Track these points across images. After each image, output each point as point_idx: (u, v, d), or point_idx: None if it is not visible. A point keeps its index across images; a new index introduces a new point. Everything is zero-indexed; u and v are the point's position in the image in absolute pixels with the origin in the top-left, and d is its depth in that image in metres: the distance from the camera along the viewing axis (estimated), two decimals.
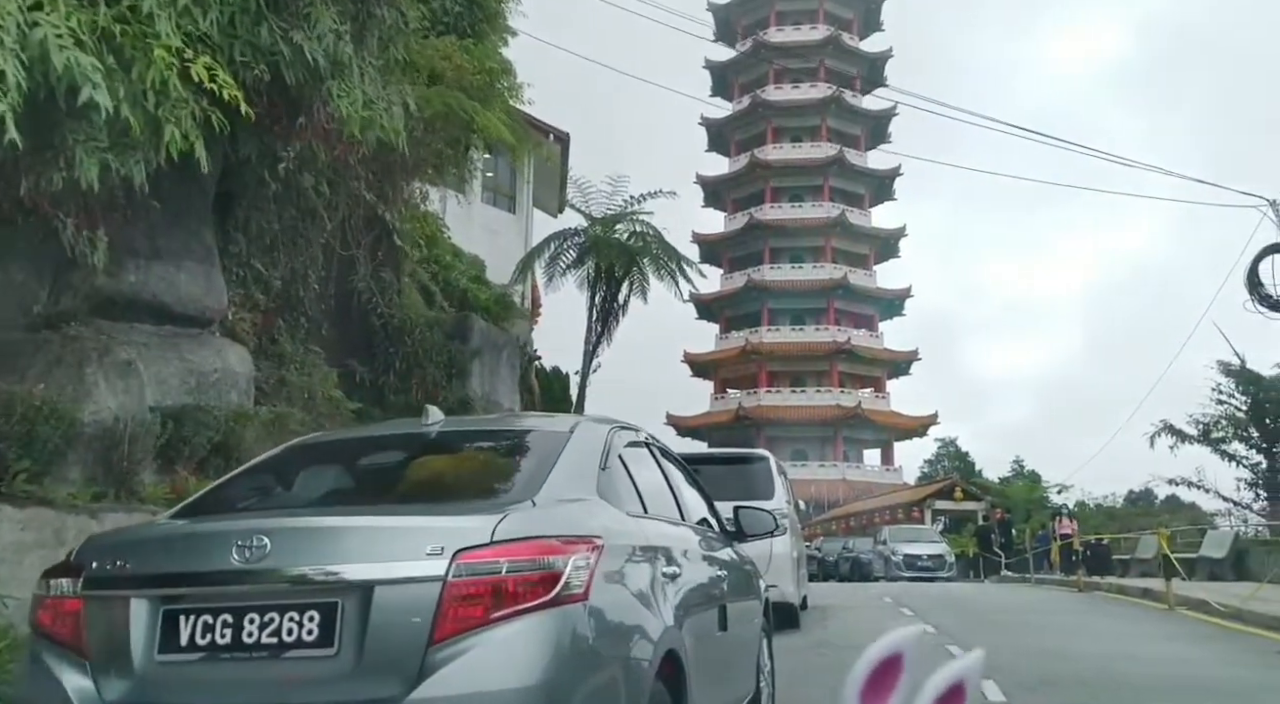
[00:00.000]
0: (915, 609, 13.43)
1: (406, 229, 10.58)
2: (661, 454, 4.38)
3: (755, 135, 65.29)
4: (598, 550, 2.78)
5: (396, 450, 3.50)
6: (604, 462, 3.37)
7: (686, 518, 4.20)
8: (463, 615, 2.47)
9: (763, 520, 5.18)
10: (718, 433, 58.67)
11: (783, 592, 10.66)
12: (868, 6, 66.09)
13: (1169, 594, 13.35)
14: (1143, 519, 23.79)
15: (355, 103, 6.61)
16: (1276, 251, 17.78)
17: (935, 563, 27.24)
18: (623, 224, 23.01)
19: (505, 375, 11.58)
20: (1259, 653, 8.73)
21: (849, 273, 61.33)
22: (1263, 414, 22.89)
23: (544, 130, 23.92)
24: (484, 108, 10.08)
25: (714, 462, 12.13)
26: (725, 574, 4.31)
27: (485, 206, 23.70)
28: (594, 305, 23.30)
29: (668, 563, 3.42)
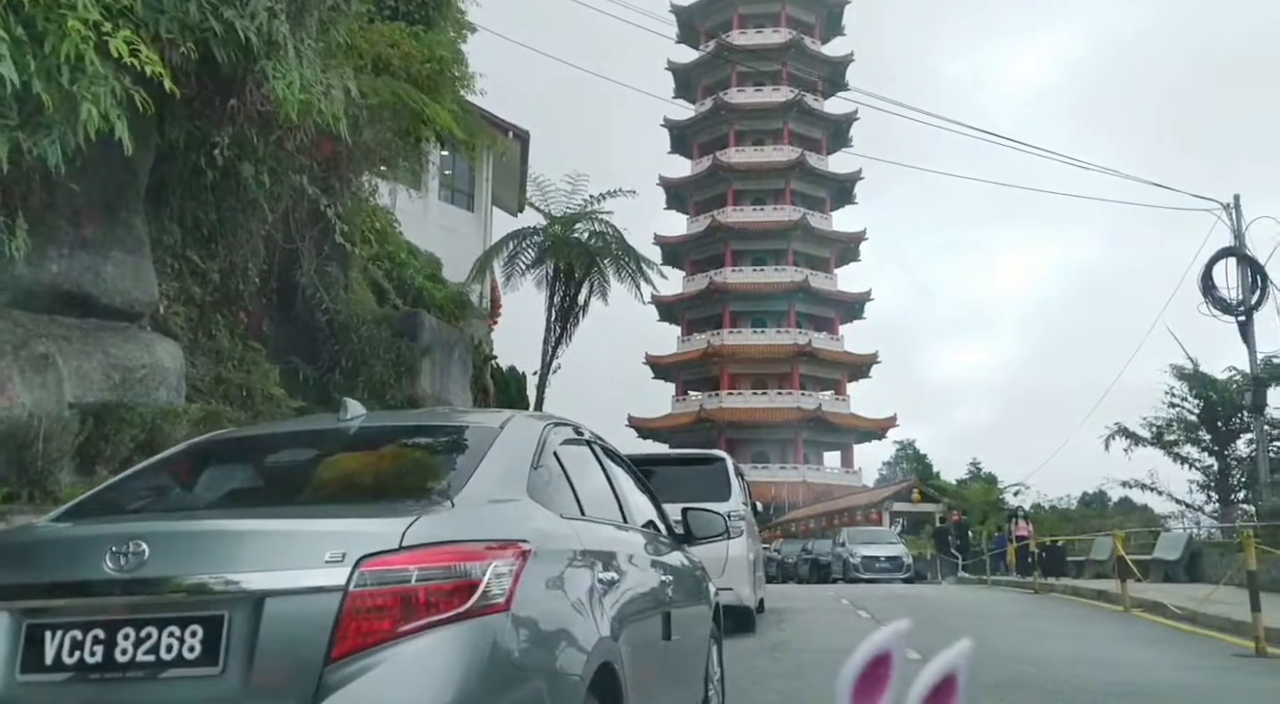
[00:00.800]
0: (872, 611, 13.32)
1: (354, 222, 10.24)
2: (605, 453, 4.15)
3: (718, 138, 65.40)
4: (523, 556, 2.54)
5: (308, 448, 3.22)
6: (537, 460, 3.13)
7: (630, 520, 3.97)
8: (366, 629, 2.21)
9: (712, 523, 4.97)
10: (679, 435, 58.59)
11: (738, 595, 10.48)
12: (829, 11, 66.47)
13: (1124, 596, 13.36)
14: (1097, 521, 23.97)
15: (292, 85, 6.31)
16: (1229, 255, 17.97)
17: (893, 564, 27.30)
18: (583, 224, 22.82)
19: (457, 374, 11.27)
20: (1216, 656, 8.68)
21: (810, 276, 61.60)
22: (1214, 417, 23.17)
23: (503, 127, 23.61)
24: (434, 98, 9.79)
25: (670, 463, 11.92)
26: (670, 579, 4.09)
27: (443, 204, 23.36)
28: (552, 305, 23.08)
29: (605, 568, 3.19)
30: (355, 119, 9.20)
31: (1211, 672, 7.80)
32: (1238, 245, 17.91)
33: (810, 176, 64.01)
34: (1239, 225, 17.89)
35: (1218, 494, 23.09)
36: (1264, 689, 7.11)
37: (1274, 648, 8.62)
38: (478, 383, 14.31)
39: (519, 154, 24.79)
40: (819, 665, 8.59)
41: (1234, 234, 17.93)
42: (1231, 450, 23.27)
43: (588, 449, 3.90)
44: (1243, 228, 17.86)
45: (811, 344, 60.36)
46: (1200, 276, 18.08)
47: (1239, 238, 17.91)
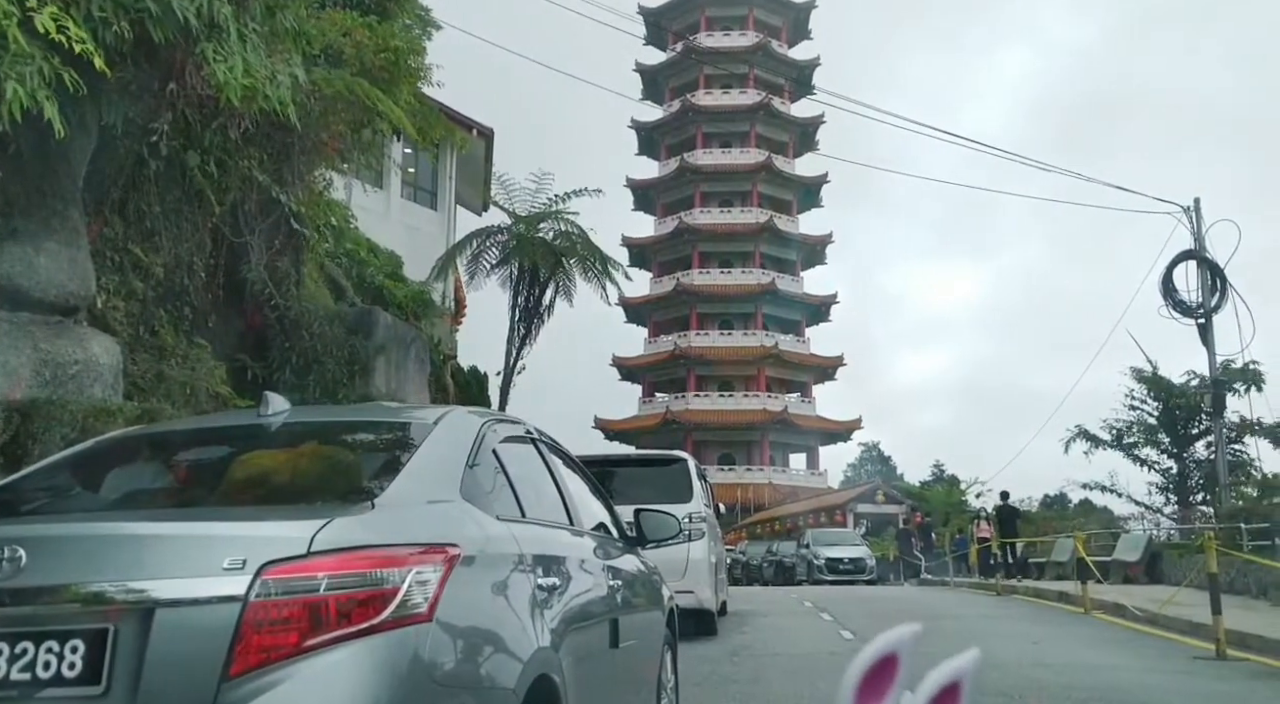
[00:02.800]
0: (835, 614, 13.23)
1: (308, 216, 9.96)
2: (552, 452, 3.96)
3: (685, 140, 65.40)
4: (451, 561, 2.35)
5: (225, 445, 3.00)
6: (473, 458, 2.93)
7: (577, 523, 3.78)
8: (268, 644, 2.01)
9: (666, 524, 4.79)
10: (646, 436, 58.41)
11: (699, 598, 10.33)
12: (796, 15, 66.72)
13: (1085, 598, 13.37)
14: (1058, 522, 24.11)
15: (234, 69, 6.05)
16: (1189, 258, 18.12)
17: (856, 566, 27.35)
18: (548, 223, 22.60)
19: (413, 373, 11.01)
20: (1176, 658, 8.65)
21: (777, 278, 61.76)
22: (1173, 420, 23.39)
23: (467, 125, 23.33)
24: (389, 91, 9.54)
25: (631, 464, 11.76)
26: (619, 584, 3.90)
27: (405, 202, 23.05)
28: (516, 305, 22.83)
29: (546, 574, 3.00)
30: (307, 109, 8.93)
31: (1172, 675, 7.75)
32: (1198, 248, 18.07)
33: (777, 179, 64.18)
34: (1199, 229, 18.06)
35: (1176, 496, 23.31)
36: (1225, 693, 7.06)
37: (1234, 650, 8.61)
38: (437, 382, 14.04)
39: (483, 152, 24.52)
40: (780, 670, 8.45)
41: (1194, 237, 18.09)
42: (1190, 453, 23.51)
43: (532, 448, 3.71)
44: (1203, 231, 18.04)
45: (778, 346, 60.49)
46: (1161, 280, 18.24)
47: (1199, 241, 18.07)
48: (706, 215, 63.33)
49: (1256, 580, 13.08)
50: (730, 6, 65.40)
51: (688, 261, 63.29)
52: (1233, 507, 17.09)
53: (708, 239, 62.71)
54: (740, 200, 64.21)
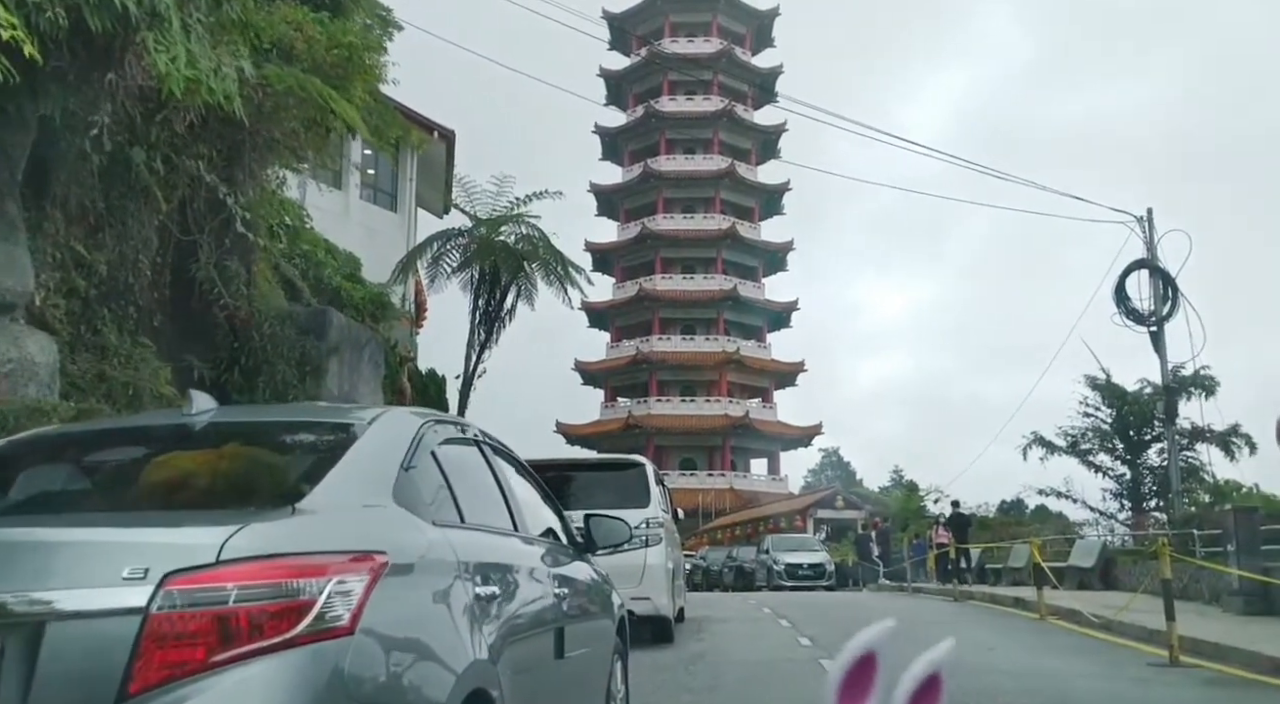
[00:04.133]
0: (793, 620, 13.19)
1: (259, 215, 9.73)
2: (498, 455, 3.83)
3: (649, 146, 65.43)
4: (377, 570, 2.22)
5: (142, 446, 2.84)
6: (409, 460, 2.80)
7: (522, 528, 3.66)
8: (171, 660, 1.87)
9: (616, 530, 4.68)
10: (608, 441, 58.21)
11: (656, 604, 10.22)
12: (760, 23, 67.05)
13: (1041, 604, 13.44)
14: (1015, 528, 24.31)
15: (177, 60, 5.86)
16: (1142, 267, 18.36)
17: (816, 572, 27.43)
18: (509, 226, 22.42)
19: (368, 375, 10.80)
20: (1130, 665, 8.68)
21: (739, 284, 61.95)
22: (1127, 427, 23.70)
23: (427, 126, 23.10)
24: (342, 89, 9.36)
25: (588, 468, 11.63)
26: (566, 592, 3.79)
27: (365, 204, 22.76)
28: (477, 308, 22.61)
29: (485, 582, 2.87)
30: (257, 105, 8.73)
31: (1126, 682, 7.77)
32: (1150, 257, 18.32)
33: (740, 186, 64.42)
34: (1151, 238, 18.32)
35: (1130, 502, 23.61)
36: (1178, 700, 7.09)
37: (1188, 657, 8.66)
38: (393, 385, 13.81)
39: (444, 154, 24.29)
40: (736, 678, 8.36)
41: (1146, 246, 18.35)
42: (1143, 459, 23.83)
43: (476, 450, 3.58)
44: (1155, 240, 18.29)
45: (740, 352, 60.65)
46: (1114, 288, 18.47)
47: (1151, 250, 18.33)
48: (670, 221, 63.40)
49: (1209, 586, 13.24)
50: (694, 13, 65.58)
51: (651, 267, 63.33)
52: (1185, 513, 17.33)
53: (670, 244, 62.77)
54: (703, 206, 64.35)
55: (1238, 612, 11.76)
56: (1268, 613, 11.41)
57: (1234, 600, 12.03)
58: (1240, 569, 11.73)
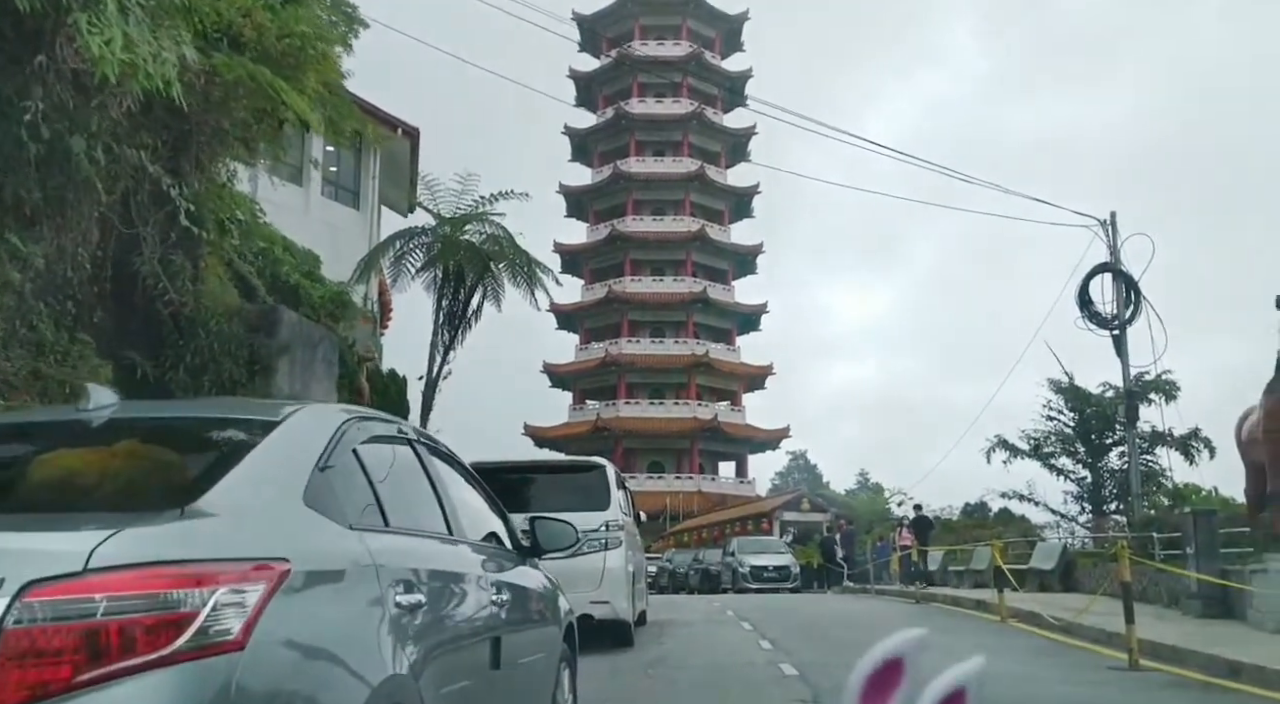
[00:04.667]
0: (755, 623, 13.07)
1: (207, 208, 9.43)
2: (435, 455, 3.65)
3: (618, 147, 65.32)
4: (276, 578, 2.04)
5: (31, 442, 2.63)
6: (325, 460, 2.61)
7: (458, 532, 3.47)
8: (32, 680, 1.68)
9: (562, 534, 4.50)
10: (576, 444, 57.91)
11: (615, 608, 10.06)
12: (729, 27, 67.18)
13: (1001, 607, 13.42)
14: (977, 531, 24.40)
15: (112, 43, 5.61)
16: (1105, 271, 18.48)
17: (781, 574, 27.41)
18: (474, 225, 22.18)
19: (321, 375, 10.52)
20: (1090, 669, 8.64)
21: (708, 287, 62.02)
22: (1089, 430, 23.87)
23: (391, 123, 22.78)
24: (294, 79, 9.09)
25: (547, 470, 11.46)
26: (506, 599, 3.61)
27: (326, 200, 22.38)
28: (440, 308, 22.33)
29: (408, 590, 2.69)
30: (204, 94, 8.46)
31: (1086, 686, 7.71)
32: (1113, 261, 18.44)
33: (710, 189, 64.48)
34: (1114, 242, 18.44)
35: (1091, 505, 23.77)
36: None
37: (1147, 660, 8.63)
38: (351, 386, 13.51)
39: (409, 152, 23.97)
40: (694, 683, 8.23)
41: (1110, 250, 18.47)
42: (1104, 463, 24.01)
43: (408, 450, 3.40)
44: (1118, 244, 18.42)
45: (709, 355, 60.68)
46: (1078, 291, 18.56)
47: (1114, 254, 18.45)
48: (639, 223, 63.32)
49: (1168, 589, 13.28)
50: (664, 16, 65.60)
51: (620, 269, 63.19)
52: (1145, 516, 17.43)
53: (640, 247, 62.67)
54: (673, 209, 64.33)
55: (1196, 614, 11.79)
56: (1225, 616, 11.44)
57: (1193, 603, 12.06)
58: (1199, 572, 11.76)
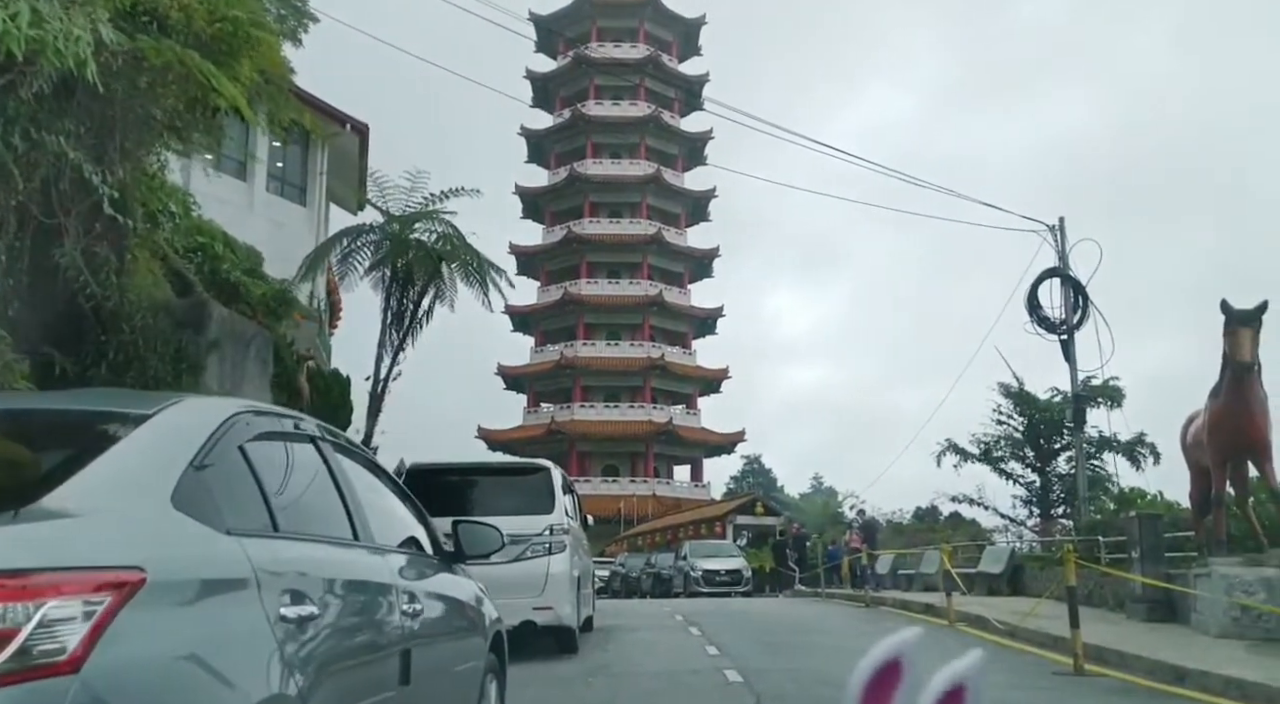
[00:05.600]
0: (703, 628, 12.90)
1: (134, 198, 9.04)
2: (344, 454, 3.40)
3: (575, 149, 65.10)
4: (126, 590, 1.80)
5: None
6: (203, 457, 2.37)
7: (366, 537, 3.23)
8: None
9: (487, 538, 4.27)
10: (530, 447, 57.48)
11: (558, 614, 9.83)
12: (687, 31, 67.29)
13: (949, 611, 13.40)
14: (928, 534, 24.53)
15: (19, 18, 5.30)
16: (1053, 276, 18.62)
17: (733, 578, 27.31)
18: (424, 223, 21.83)
19: (254, 373, 10.16)
20: (1035, 674, 8.57)
21: (664, 290, 62.00)
22: (1038, 435, 24.07)
23: (340, 118, 22.37)
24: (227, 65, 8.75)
25: (490, 472, 11.19)
26: (419, 608, 3.37)
27: (271, 196, 21.89)
28: (389, 308, 21.93)
29: (297, 601, 2.45)
30: (129, 78, 8.10)
31: (1032, 691, 7.63)
32: (1061, 266, 18.60)
33: (666, 192, 64.50)
34: (1063, 247, 18.59)
35: (1039, 509, 23.98)
36: None
37: (1092, 665, 8.59)
38: (289, 385, 13.13)
39: (358, 148, 23.54)
40: (637, 691, 8.02)
41: (1058, 255, 18.62)
42: (1053, 467, 24.24)
43: (310, 448, 3.14)
44: (1066, 249, 18.58)
45: (664, 358, 60.61)
46: (1026, 296, 18.69)
47: (1063, 259, 18.60)
48: (595, 225, 63.12)
49: (1113, 593, 13.34)
50: (622, 18, 65.54)
51: (576, 271, 62.91)
52: (1091, 520, 17.56)
53: (596, 249, 62.47)
54: (629, 212, 64.22)
55: (1141, 618, 11.84)
56: (1169, 620, 11.49)
57: (1137, 607, 12.11)
58: (1144, 575, 11.81)
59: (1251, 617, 9.71)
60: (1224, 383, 10.29)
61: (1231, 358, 9.97)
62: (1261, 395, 10.19)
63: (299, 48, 15.79)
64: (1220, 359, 10.27)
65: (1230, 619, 9.91)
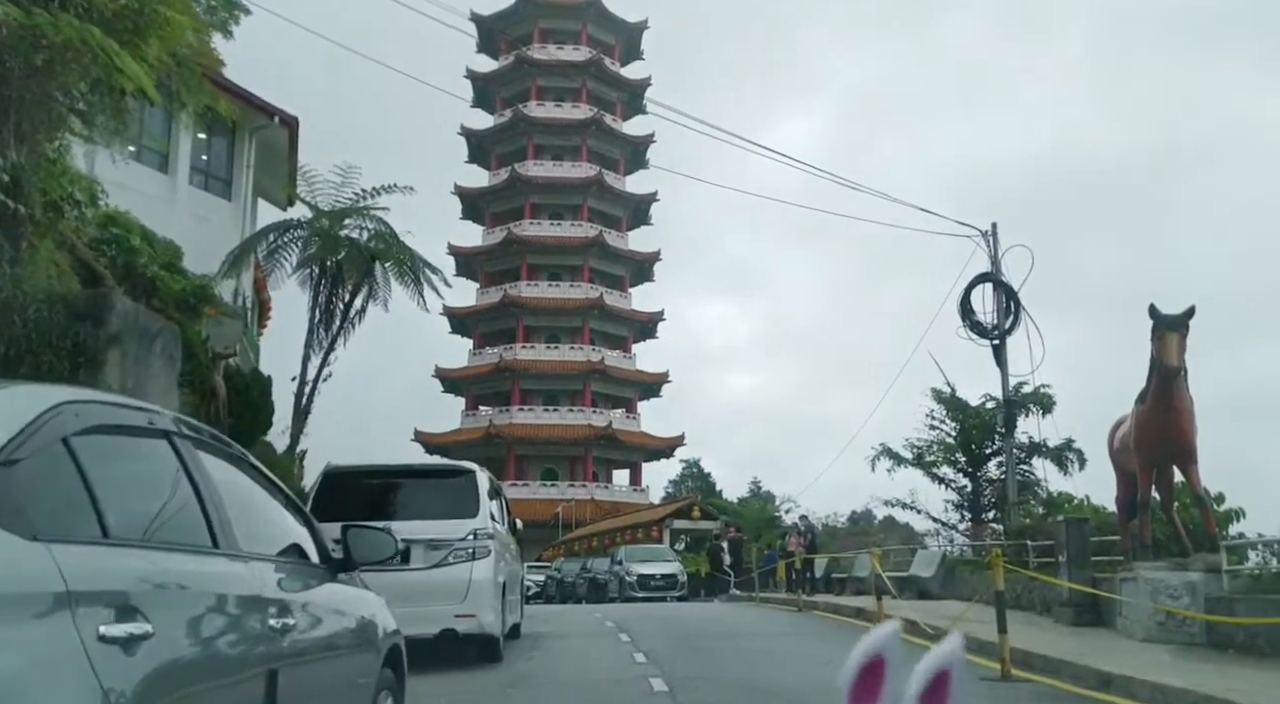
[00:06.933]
0: (633, 634, 12.66)
1: (34, 185, 8.53)
2: (207, 451, 3.07)
3: (516, 150, 64.60)
4: None
5: None
6: (10, 451, 2.05)
7: (228, 544, 2.90)
8: None
9: (379, 543, 3.95)
10: (467, 450, 56.63)
11: (481, 622, 9.48)
12: (629, 35, 67.26)
13: (880, 615, 13.32)
14: (862, 538, 24.62)
15: None
16: (986, 281, 18.77)
17: (668, 582, 27.16)
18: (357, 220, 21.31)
19: (160, 369, 9.64)
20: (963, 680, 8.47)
21: (605, 294, 61.74)
22: (969, 440, 24.25)
23: (267, 110, 21.70)
24: (132, 44, 8.29)
25: (413, 474, 10.77)
26: (293, 623, 3.05)
27: (195, 190, 21.15)
28: (317, 306, 21.35)
29: (125, 617, 2.13)
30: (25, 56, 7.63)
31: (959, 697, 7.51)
32: (994, 271, 18.75)
33: (608, 195, 64.29)
34: (995, 252, 18.76)
35: (970, 513, 24.16)
36: None
37: (1019, 670, 8.52)
38: (203, 383, 12.59)
39: (287, 142, 22.87)
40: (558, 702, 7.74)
41: (991, 260, 18.79)
42: (984, 472, 24.43)
43: (163, 444, 2.81)
44: (999, 254, 18.75)
45: (604, 361, 60.34)
46: (959, 301, 18.81)
47: (995, 263, 18.77)
48: (536, 227, 62.67)
49: (1041, 597, 13.40)
50: (564, 20, 65.26)
51: (516, 273, 62.37)
52: (1020, 523, 17.71)
53: (536, 251, 62.02)
54: (571, 214, 63.91)
55: (1068, 622, 11.88)
56: (1096, 624, 11.55)
57: (1064, 611, 12.16)
58: (1070, 579, 11.84)
59: (1176, 622, 9.75)
60: (1151, 387, 10.34)
61: (1159, 362, 10.01)
62: (1188, 400, 10.25)
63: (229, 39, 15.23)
64: (1148, 364, 10.33)
65: (1155, 624, 9.95)
